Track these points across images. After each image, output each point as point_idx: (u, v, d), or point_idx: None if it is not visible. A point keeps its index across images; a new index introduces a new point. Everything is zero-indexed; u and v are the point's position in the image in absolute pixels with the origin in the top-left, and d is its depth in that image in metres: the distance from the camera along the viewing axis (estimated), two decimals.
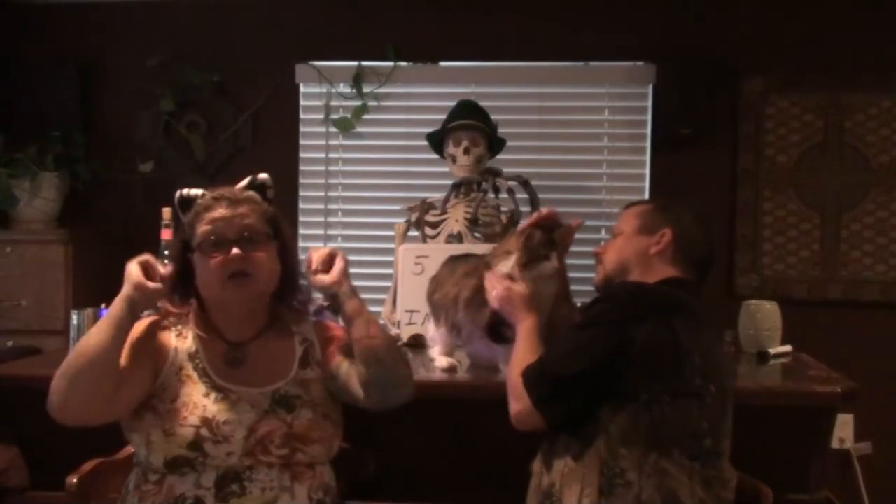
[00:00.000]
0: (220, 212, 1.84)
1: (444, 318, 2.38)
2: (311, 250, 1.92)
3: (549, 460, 1.89)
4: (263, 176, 1.95)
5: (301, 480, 1.82)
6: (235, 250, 1.80)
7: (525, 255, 2.13)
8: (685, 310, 1.89)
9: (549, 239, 2.14)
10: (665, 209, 2.07)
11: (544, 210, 2.22)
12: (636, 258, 2.02)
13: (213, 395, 1.82)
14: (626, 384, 1.80)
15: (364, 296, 3.70)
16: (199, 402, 1.80)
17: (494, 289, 2.13)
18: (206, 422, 1.78)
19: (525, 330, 2.03)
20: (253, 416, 1.80)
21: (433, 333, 2.43)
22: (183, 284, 1.89)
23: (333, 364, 1.90)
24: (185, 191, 1.91)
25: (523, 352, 1.98)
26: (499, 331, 2.22)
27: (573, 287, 2.29)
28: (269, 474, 1.79)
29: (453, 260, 2.47)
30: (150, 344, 1.86)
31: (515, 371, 1.93)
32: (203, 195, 1.89)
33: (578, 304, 2.25)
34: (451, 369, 2.36)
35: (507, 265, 2.14)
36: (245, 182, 1.94)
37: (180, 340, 1.89)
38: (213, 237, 1.82)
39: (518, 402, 1.90)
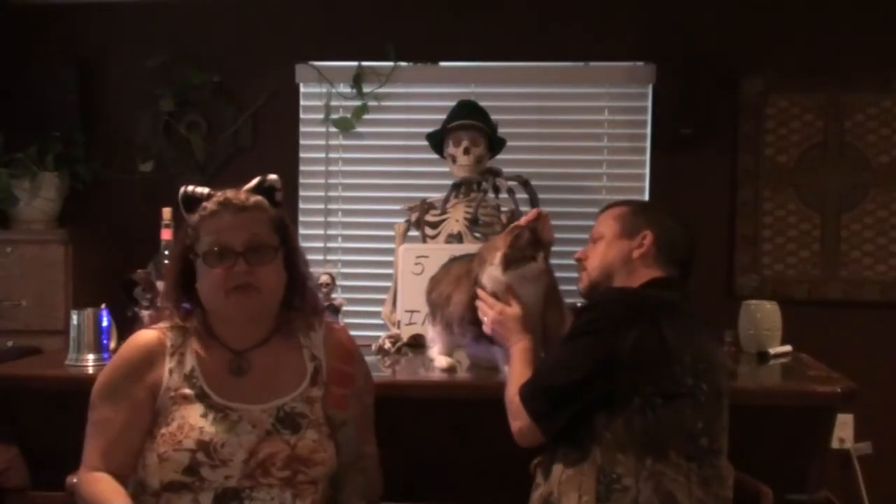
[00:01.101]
0: (226, 220, 1.78)
1: (439, 317, 2.39)
2: None
3: (548, 470, 1.90)
4: (273, 177, 1.88)
5: (303, 497, 1.76)
6: (241, 265, 1.75)
7: (512, 254, 2.13)
8: (672, 311, 1.90)
9: (536, 239, 2.14)
10: (644, 211, 2.08)
11: (535, 211, 2.22)
12: (619, 262, 2.03)
13: (210, 416, 1.75)
14: (618, 390, 1.80)
15: (364, 296, 3.74)
16: (195, 423, 1.74)
17: (486, 315, 2.13)
18: (202, 445, 1.71)
19: (519, 351, 2.03)
20: (254, 437, 1.74)
21: (432, 334, 2.43)
22: (184, 289, 1.84)
23: (335, 418, 1.86)
24: (189, 188, 1.84)
25: (519, 372, 1.98)
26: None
27: (563, 287, 2.31)
28: (269, 493, 1.73)
29: (452, 260, 2.48)
30: (141, 390, 1.79)
31: (512, 390, 1.94)
32: (208, 195, 1.83)
33: (578, 304, 2.25)
34: (450, 369, 2.36)
35: (496, 262, 2.14)
36: (253, 183, 1.87)
37: (174, 361, 1.81)
38: (217, 248, 1.76)
39: (517, 420, 1.91)
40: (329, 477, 1.84)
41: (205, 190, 1.84)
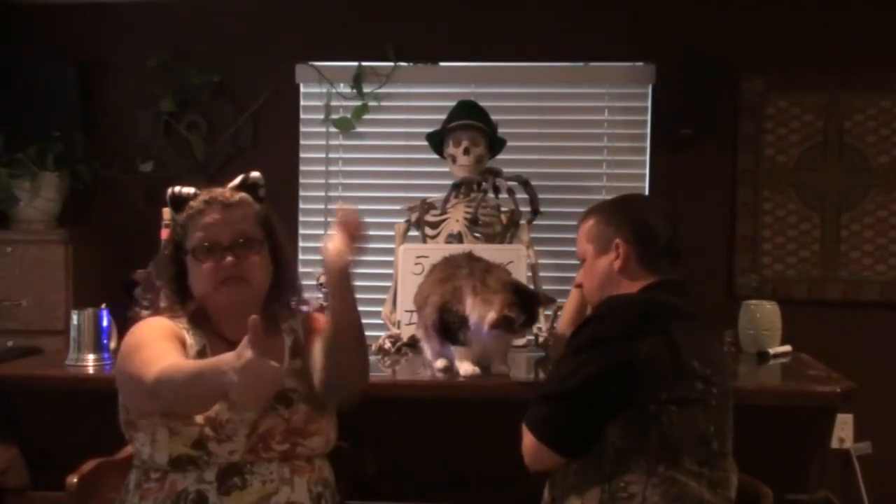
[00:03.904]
0: (214, 217, 1.86)
1: (420, 319, 2.41)
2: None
3: (553, 479, 1.89)
4: (255, 175, 1.97)
5: (300, 474, 1.85)
6: (229, 258, 1.83)
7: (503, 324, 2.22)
8: (678, 315, 1.88)
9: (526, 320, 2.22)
10: (609, 218, 2.04)
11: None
12: (607, 279, 2.01)
13: None
14: (633, 399, 1.77)
15: (364, 296, 3.71)
16: None
17: None
18: (210, 420, 1.78)
19: None
20: (253, 414, 1.81)
21: (424, 340, 2.45)
22: (179, 285, 1.90)
23: (310, 350, 1.93)
24: (176, 189, 1.92)
25: None
26: (453, 334, 2.29)
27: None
28: (269, 468, 1.82)
29: (436, 264, 2.49)
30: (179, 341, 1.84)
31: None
32: (195, 195, 1.91)
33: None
34: (446, 370, 2.36)
35: (489, 312, 2.22)
36: (237, 181, 1.96)
37: (189, 336, 1.89)
38: (206, 243, 1.85)
39: (524, 438, 1.88)
40: (326, 456, 1.92)
41: (191, 190, 1.93)
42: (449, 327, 2.29)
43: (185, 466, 1.79)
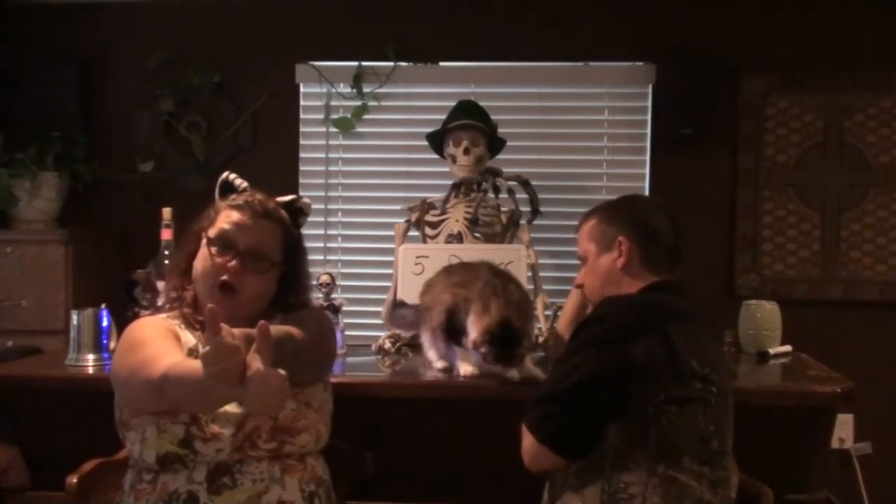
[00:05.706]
0: (243, 217, 1.88)
1: (427, 321, 2.39)
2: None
3: (552, 479, 1.89)
4: (305, 201, 2.03)
5: (292, 473, 1.84)
6: (235, 262, 1.83)
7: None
8: (677, 316, 1.88)
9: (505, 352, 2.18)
10: (613, 217, 2.04)
11: None
12: (609, 277, 2.01)
13: None
14: (631, 401, 1.77)
15: (364, 296, 3.73)
16: None
17: None
18: (195, 420, 1.78)
19: None
20: (240, 413, 1.80)
21: (427, 341, 2.44)
22: (189, 265, 1.91)
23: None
24: (231, 176, 1.98)
25: None
26: (455, 336, 2.28)
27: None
28: (258, 467, 1.81)
29: (454, 266, 2.47)
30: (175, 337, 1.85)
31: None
32: (244, 190, 1.96)
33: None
34: (445, 371, 2.36)
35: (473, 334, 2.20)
36: (285, 199, 1.99)
37: (183, 334, 1.89)
38: (222, 238, 1.86)
39: (524, 439, 1.87)
40: (320, 454, 1.91)
41: (244, 183, 1.98)
42: (454, 331, 2.28)
43: (173, 465, 1.79)
